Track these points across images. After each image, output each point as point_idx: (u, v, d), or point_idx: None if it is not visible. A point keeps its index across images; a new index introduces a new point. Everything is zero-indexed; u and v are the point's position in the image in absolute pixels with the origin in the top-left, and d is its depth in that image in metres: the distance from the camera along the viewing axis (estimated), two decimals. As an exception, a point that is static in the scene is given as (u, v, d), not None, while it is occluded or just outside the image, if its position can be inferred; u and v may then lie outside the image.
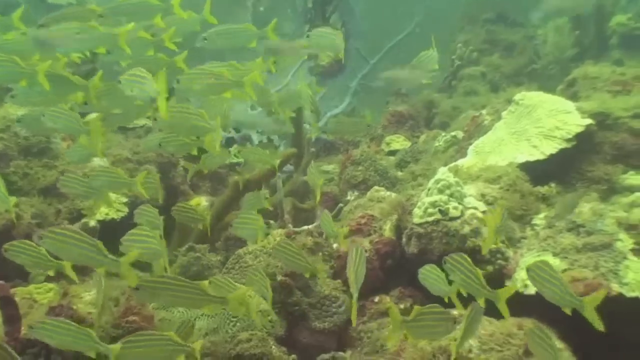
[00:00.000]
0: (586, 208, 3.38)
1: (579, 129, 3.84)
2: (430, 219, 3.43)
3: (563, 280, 2.38)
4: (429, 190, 3.52)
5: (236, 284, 3.41)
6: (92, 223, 3.95)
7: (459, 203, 3.43)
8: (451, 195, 3.45)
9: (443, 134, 5.38)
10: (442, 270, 2.60)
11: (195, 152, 3.21)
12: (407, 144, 5.71)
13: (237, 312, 2.68)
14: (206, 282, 2.58)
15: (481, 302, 2.52)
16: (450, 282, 2.60)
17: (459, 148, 5.16)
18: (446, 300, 2.66)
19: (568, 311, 2.38)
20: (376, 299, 3.57)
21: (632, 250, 3.17)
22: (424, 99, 6.79)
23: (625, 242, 3.20)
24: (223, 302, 2.54)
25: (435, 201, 3.44)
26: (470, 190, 3.63)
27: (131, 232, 2.77)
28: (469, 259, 2.52)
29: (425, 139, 5.69)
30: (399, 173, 5.06)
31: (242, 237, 3.31)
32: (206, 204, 5.11)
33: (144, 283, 2.41)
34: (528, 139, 3.98)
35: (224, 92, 3.05)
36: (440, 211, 3.42)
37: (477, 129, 5.25)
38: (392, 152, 5.66)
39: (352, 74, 6.41)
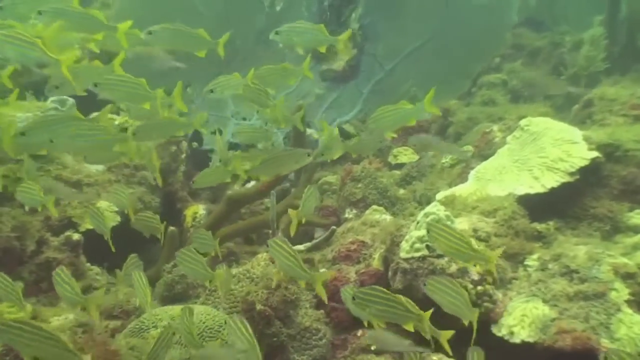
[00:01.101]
0: (582, 252, 3.19)
1: (584, 163, 3.64)
2: (416, 254, 3.27)
3: (462, 292, 2.41)
4: (417, 223, 3.36)
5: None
6: (76, 237, 3.86)
7: (448, 239, 3.26)
8: (441, 231, 3.28)
9: (450, 150, 5.19)
10: None
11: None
12: (415, 157, 5.52)
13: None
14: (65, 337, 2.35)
15: (409, 327, 2.43)
16: None
17: (466, 165, 4.98)
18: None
19: (466, 322, 2.45)
20: (359, 333, 3.42)
21: (627, 301, 2.98)
22: (440, 107, 6.58)
23: (620, 292, 3.01)
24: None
25: (423, 236, 3.27)
26: (463, 224, 3.46)
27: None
28: (381, 289, 2.43)
29: (434, 153, 5.50)
30: (401, 191, 4.89)
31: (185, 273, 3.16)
32: (203, 212, 5.02)
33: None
34: (530, 169, 3.79)
35: (141, 102, 2.93)
36: (427, 247, 3.26)
37: (487, 146, 5.07)
38: (399, 165, 5.48)
39: (366, 80, 6.21)
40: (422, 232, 3.28)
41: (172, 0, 6.28)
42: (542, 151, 3.82)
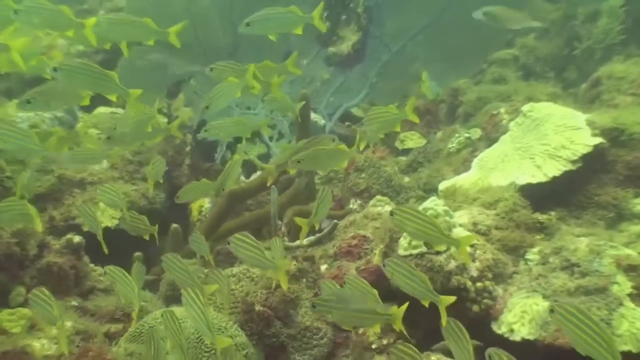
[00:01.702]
0: (583, 244, 3.11)
1: (586, 150, 3.55)
2: (415, 251, 3.23)
3: (422, 276, 2.43)
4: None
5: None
6: (77, 239, 3.85)
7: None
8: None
9: (457, 134, 5.11)
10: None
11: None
12: (423, 141, 5.45)
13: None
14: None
15: (376, 329, 2.56)
16: None
17: (473, 150, 4.90)
18: None
19: (426, 304, 2.46)
20: (360, 331, 3.39)
21: (630, 295, 2.91)
22: (449, 86, 6.46)
23: (622, 285, 2.93)
24: None
25: (421, 232, 3.22)
26: (463, 217, 3.40)
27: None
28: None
29: (442, 136, 5.43)
30: (406, 179, 4.82)
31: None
32: (209, 206, 5.00)
33: None
34: (532, 157, 3.70)
35: (107, 94, 2.86)
36: (425, 243, 3.20)
37: (494, 129, 4.98)
38: (407, 151, 5.41)
39: (372, 63, 6.10)
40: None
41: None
42: (544, 138, 3.73)
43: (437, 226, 2.46)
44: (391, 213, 2.50)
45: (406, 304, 2.48)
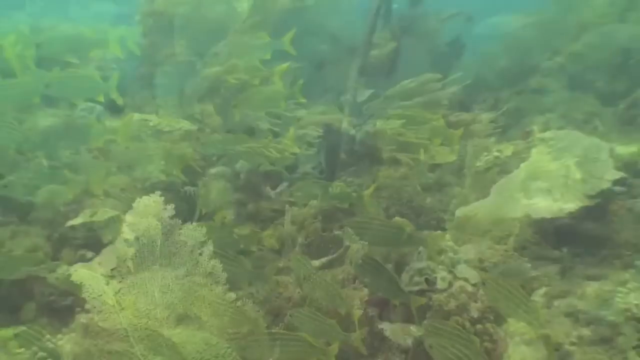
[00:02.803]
0: (591, 289, 2.97)
1: (606, 185, 3.38)
2: (415, 288, 3.13)
3: (391, 275, 2.59)
4: (419, 253, 3.20)
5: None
6: (89, 255, 3.89)
7: (450, 271, 3.10)
8: (442, 263, 3.13)
9: (485, 153, 4.94)
10: None
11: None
12: (453, 157, 5.28)
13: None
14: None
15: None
16: None
17: (502, 170, 4.74)
18: None
19: (397, 302, 2.67)
20: (364, 361, 3.32)
21: (635, 348, 2.76)
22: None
23: (629, 337, 2.79)
24: None
25: (423, 268, 3.13)
26: (470, 253, 3.28)
27: None
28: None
29: (474, 152, 5.26)
30: (428, 200, 4.68)
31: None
32: (233, 217, 4.98)
33: None
34: (550, 189, 3.55)
35: (95, 95, 2.87)
36: (426, 280, 3.11)
37: (525, 147, 4.81)
38: (438, 165, 5.27)
39: (406, 73, 5.94)
40: (423, 263, 3.14)
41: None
42: (564, 169, 3.57)
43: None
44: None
45: (336, 345, 2.58)
